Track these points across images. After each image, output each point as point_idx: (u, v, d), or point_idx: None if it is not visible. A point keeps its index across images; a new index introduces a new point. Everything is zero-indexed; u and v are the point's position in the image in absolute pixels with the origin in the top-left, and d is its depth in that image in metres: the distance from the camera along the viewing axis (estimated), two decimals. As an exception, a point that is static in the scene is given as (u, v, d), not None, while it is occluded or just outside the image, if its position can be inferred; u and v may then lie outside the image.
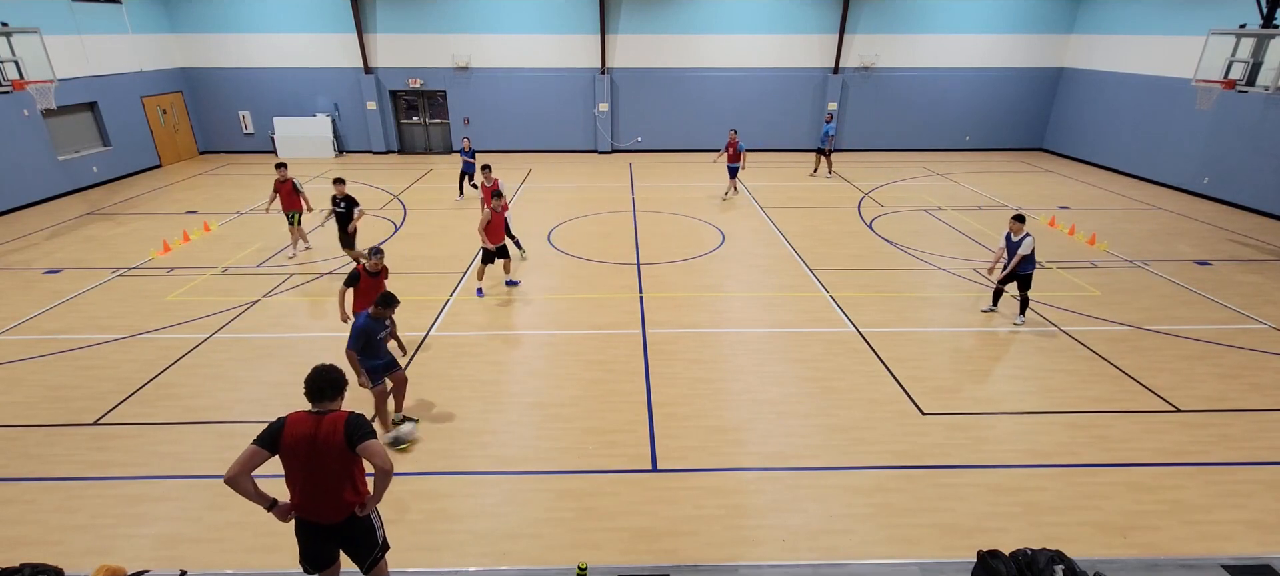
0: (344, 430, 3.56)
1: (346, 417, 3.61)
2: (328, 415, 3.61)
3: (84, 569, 4.54)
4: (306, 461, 3.55)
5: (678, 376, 7.63)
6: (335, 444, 3.54)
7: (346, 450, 3.55)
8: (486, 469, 6.03)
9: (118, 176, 17.64)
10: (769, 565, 4.91)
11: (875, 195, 16.07)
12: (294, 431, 3.54)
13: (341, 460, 3.58)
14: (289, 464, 3.58)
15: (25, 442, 6.38)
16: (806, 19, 20.25)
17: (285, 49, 20.13)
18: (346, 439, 3.54)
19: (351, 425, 3.58)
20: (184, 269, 11.02)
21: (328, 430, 3.55)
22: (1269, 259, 11.73)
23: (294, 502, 3.70)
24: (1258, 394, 7.30)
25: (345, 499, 3.67)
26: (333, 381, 3.71)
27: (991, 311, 9.36)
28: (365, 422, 3.63)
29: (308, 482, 3.60)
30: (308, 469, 3.57)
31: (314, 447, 3.54)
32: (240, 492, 3.49)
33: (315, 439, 3.54)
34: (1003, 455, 6.24)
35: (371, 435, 3.61)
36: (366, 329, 5.98)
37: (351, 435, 3.55)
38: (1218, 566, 4.68)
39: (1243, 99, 14.52)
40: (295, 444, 3.53)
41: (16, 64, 11.78)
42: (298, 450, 3.54)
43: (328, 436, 3.54)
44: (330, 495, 3.63)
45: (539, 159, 20.66)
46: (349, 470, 3.64)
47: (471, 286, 10.23)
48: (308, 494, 3.64)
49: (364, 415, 3.68)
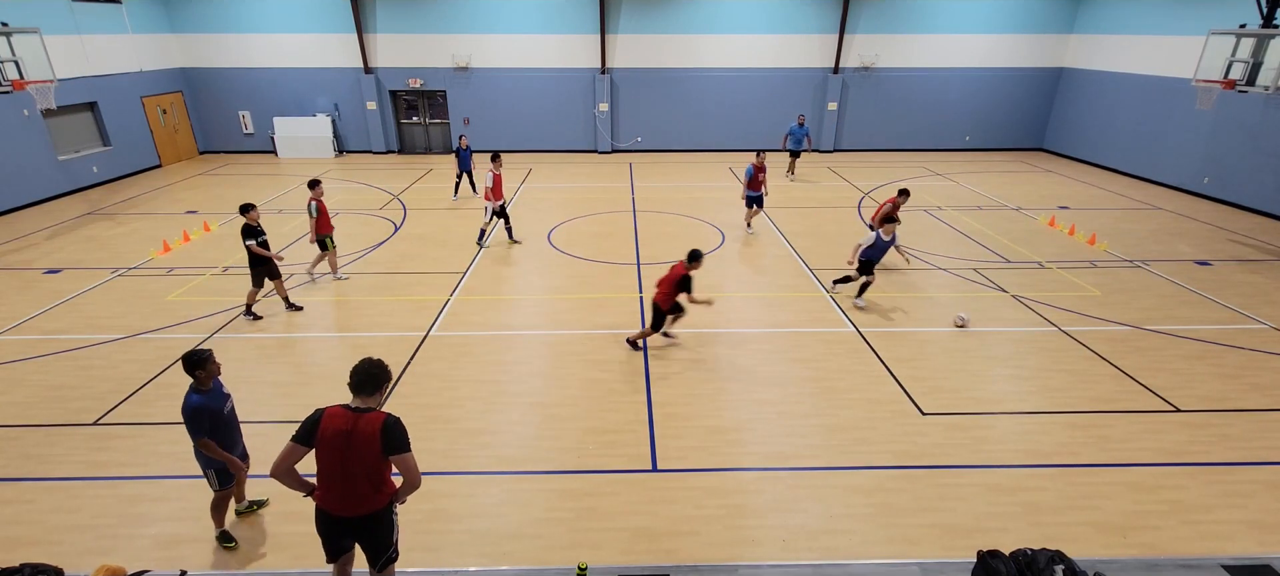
0: (381, 436, 3.57)
1: (384, 421, 3.61)
2: (366, 415, 3.62)
3: (84, 569, 4.54)
4: (340, 457, 3.58)
5: (678, 376, 7.63)
6: (371, 446, 3.56)
7: (381, 454, 3.59)
8: (486, 469, 6.03)
9: (118, 176, 17.64)
10: (769, 565, 4.91)
11: (875, 195, 16.07)
12: (330, 425, 3.57)
13: (374, 461, 3.62)
14: (322, 456, 3.62)
15: (25, 442, 6.38)
16: (806, 19, 20.26)
17: (285, 49, 20.13)
18: (383, 445, 3.57)
19: (389, 431, 3.58)
20: (184, 269, 11.02)
21: (365, 430, 3.56)
22: (1269, 259, 11.73)
23: (319, 493, 3.74)
24: (1258, 394, 7.30)
25: (371, 497, 3.71)
26: (375, 377, 3.69)
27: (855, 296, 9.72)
28: (402, 431, 3.64)
29: (337, 477, 3.64)
30: (340, 464, 3.60)
31: (349, 444, 3.56)
32: (284, 485, 3.63)
33: (351, 436, 3.56)
34: (1003, 455, 6.24)
35: (407, 447, 3.63)
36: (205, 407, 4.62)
37: (388, 442, 3.58)
38: (1218, 566, 4.68)
39: (1243, 99, 14.51)
40: (331, 439, 3.57)
41: (16, 64, 11.77)
42: (334, 444, 3.57)
43: (364, 436, 3.56)
44: (357, 491, 3.67)
45: (539, 159, 20.67)
46: (379, 470, 3.68)
47: (472, 285, 10.26)
48: (335, 487, 3.68)
49: (401, 420, 3.68)
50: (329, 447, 3.57)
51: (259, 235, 8.63)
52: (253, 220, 8.61)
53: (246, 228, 8.56)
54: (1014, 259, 11.59)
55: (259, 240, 8.63)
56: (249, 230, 8.57)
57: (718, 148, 21.66)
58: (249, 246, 8.57)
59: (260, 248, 8.63)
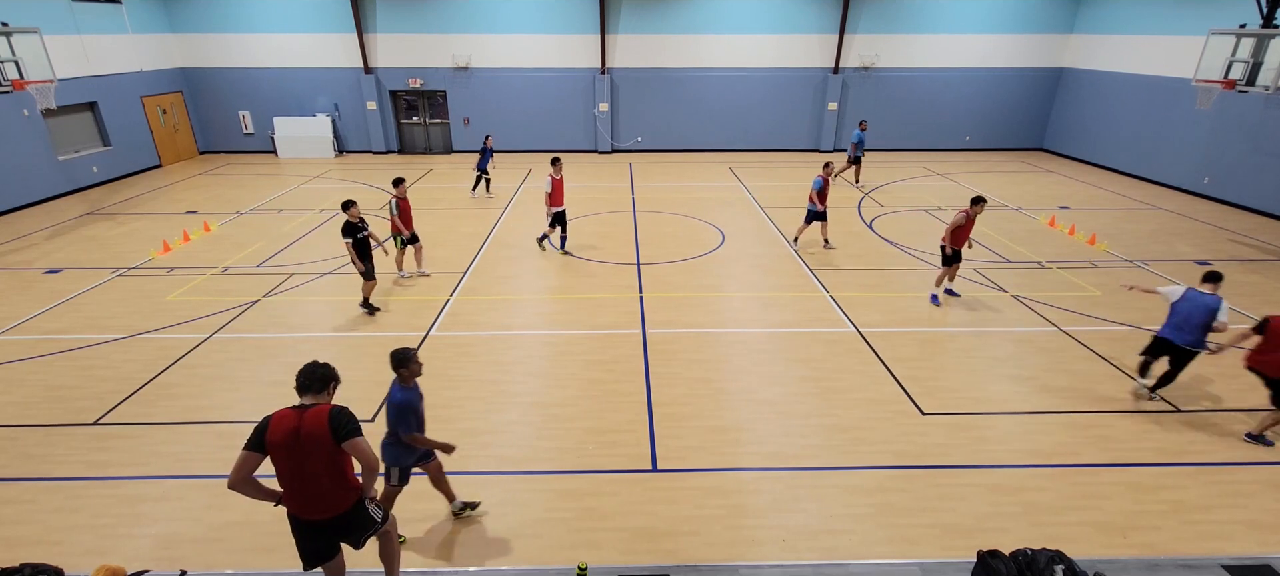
0: (329, 423, 3.52)
1: (330, 410, 3.57)
2: (311, 409, 3.57)
3: (84, 569, 4.55)
4: (292, 457, 3.52)
5: (678, 376, 7.63)
6: (321, 438, 3.51)
7: (333, 444, 3.52)
8: (486, 469, 6.03)
9: (118, 176, 17.65)
10: (769, 565, 4.91)
11: (875, 195, 16.07)
12: (278, 428, 3.52)
13: (328, 455, 3.54)
14: (277, 461, 3.55)
15: (25, 442, 6.38)
16: (806, 19, 20.26)
17: (285, 49, 20.13)
18: (332, 433, 3.51)
19: (336, 418, 3.54)
20: (184, 269, 11.02)
21: (311, 424, 3.52)
22: (1269, 259, 11.73)
23: (285, 499, 3.68)
24: (1258, 394, 7.27)
25: (335, 495, 3.64)
26: (320, 376, 3.70)
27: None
28: (350, 416, 3.60)
29: (295, 479, 3.57)
30: (294, 465, 3.54)
31: (298, 443, 3.50)
32: (247, 496, 3.53)
33: (299, 433, 3.51)
34: (1003, 455, 6.24)
35: (358, 432, 3.57)
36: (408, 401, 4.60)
37: (337, 429, 3.52)
38: (1218, 566, 4.68)
39: (1243, 99, 14.52)
40: (281, 440, 3.51)
41: (16, 64, 11.78)
42: (283, 446, 3.51)
43: (312, 430, 3.51)
44: (319, 491, 3.61)
45: (539, 159, 20.65)
46: (337, 465, 3.60)
47: (472, 285, 10.28)
48: (296, 490, 3.61)
49: (348, 408, 3.65)
50: (281, 450, 3.52)
51: (359, 232, 8.62)
52: (353, 216, 8.62)
53: (347, 225, 8.58)
54: (1014, 259, 11.59)
55: (359, 237, 8.61)
56: (350, 227, 8.58)
57: (718, 148, 21.66)
58: (347, 245, 8.58)
59: (359, 244, 8.61)
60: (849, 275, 10.81)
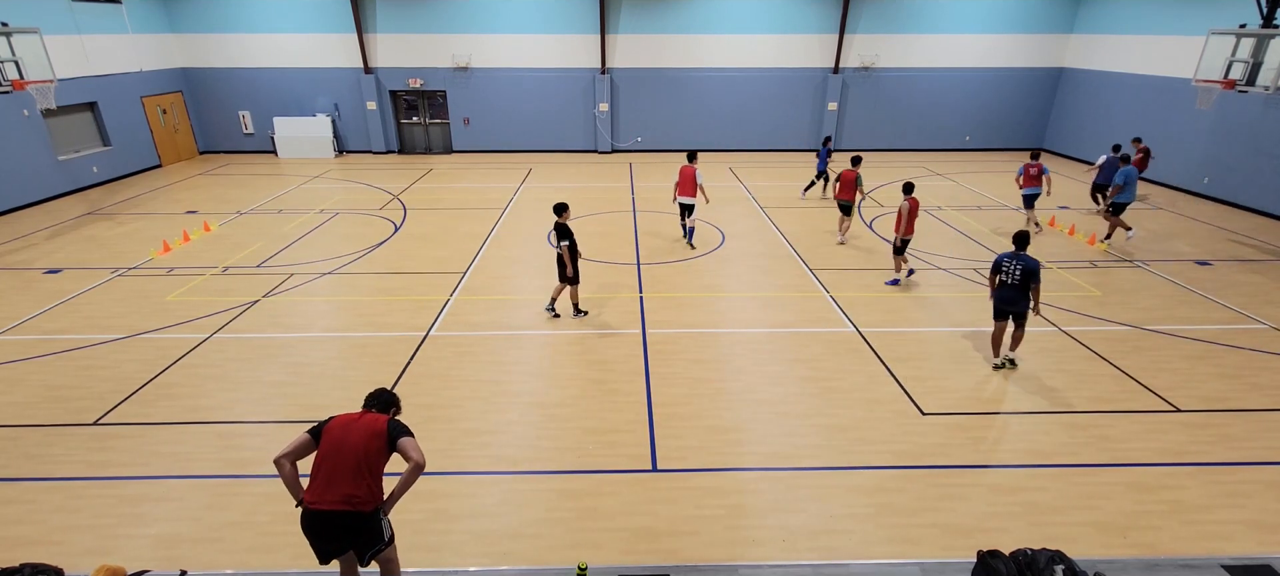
0: (387, 426, 3.87)
1: (391, 419, 3.96)
2: (372, 413, 3.97)
3: (84, 569, 4.55)
4: (338, 438, 3.77)
5: (678, 376, 7.63)
6: (374, 432, 3.80)
7: (381, 444, 3.80)
8: (486, 469, 6.03)
9: (118, 176, 17.65)
10: (769, 565, 4.91)
11: (875, 195, 16.07)
12: (338, 420, 3.88)
13: (368, 446, 3.76)
14: (322, 447, 3.80)
15: (25, 442, 6.38)
16: (806, 19, 20.26)
17: (285, 49, 20.13)
18: (389, 432, 3.83)
19: (396, 425, 3.92)
20: (184, 269, 11.02)
21: (370, 421, 3.87)
22: (1269, 259, 11.73)
23: (307, 493, 3.75)
24: (1258, 394, 7.30)
25: (357, 485, 3.71)
26: (383, 399, 4.14)
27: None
28: (406, 427, 3.94)
29: (329, 458, 3.75)
30: (334, 444, 3.77)
31: (350, 429, 3.79)
32: (281, 475, 3.75)
33: (355, 425, 3.83)
34: (1003, 455, 6.24)
35: (411, 433, 3.90)
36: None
37: (394, 432, 3.84)
38: (1218, 566, 4.68)
39: (1243, 99, 14.51)
40: (335, 429, 3.82)
41: (16, 64, 11.76)
42: (335, 430, 3.81)
43: (368, 425, 3.84)
44: (343, 481, 3.69)
45: (539, 159, 20.67)
46: (371, 459, 3.79)
47: (472, 285, 10.28)
48: (323, 469, 3.74)
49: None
50: (333, 433, 3.81)
51: (571, 236, 8.60)
52: (566, 220, 8.64)
53: (560, 227, 8.59)
54: (1014, 259, 11.58)
55: (570, 242, 8.57)
56: (563, 230, 8.58)
57: (718, 147, 21.65)
58: (561, 249, 8.54)
59: (570, 250, 8.56)
60: (849, 275, 10.82)
